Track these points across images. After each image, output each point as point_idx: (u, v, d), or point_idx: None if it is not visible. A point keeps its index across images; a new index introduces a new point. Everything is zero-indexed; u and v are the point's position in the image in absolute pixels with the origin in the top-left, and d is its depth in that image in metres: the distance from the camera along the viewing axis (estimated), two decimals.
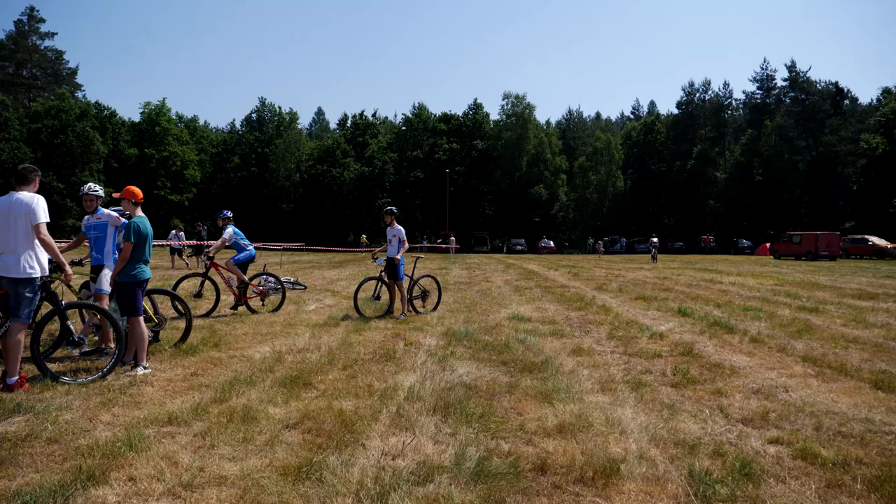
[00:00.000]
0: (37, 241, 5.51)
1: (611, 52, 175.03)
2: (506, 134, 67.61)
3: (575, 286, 16.90)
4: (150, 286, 7.12)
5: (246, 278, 10.74)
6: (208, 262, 10.65)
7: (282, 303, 11.21)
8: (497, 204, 67.84)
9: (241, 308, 10.86)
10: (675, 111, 72.50)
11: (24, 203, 5.46)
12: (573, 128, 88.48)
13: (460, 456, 3.91)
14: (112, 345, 7.00)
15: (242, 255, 10.87)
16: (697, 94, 70.37)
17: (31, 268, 5.48)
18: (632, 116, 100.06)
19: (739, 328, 9.12)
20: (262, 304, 11.21)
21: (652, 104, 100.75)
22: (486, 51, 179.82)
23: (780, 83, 66.93)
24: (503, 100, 70.46)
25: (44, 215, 5.54)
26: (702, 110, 69.72)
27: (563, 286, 16.91)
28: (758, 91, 68.65)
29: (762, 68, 68.24)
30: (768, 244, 48.98)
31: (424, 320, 10.04)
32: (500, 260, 37.06)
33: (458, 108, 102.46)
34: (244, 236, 11.10)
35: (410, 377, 6.02)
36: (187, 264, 23.59)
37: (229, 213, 10.98)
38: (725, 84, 71.23)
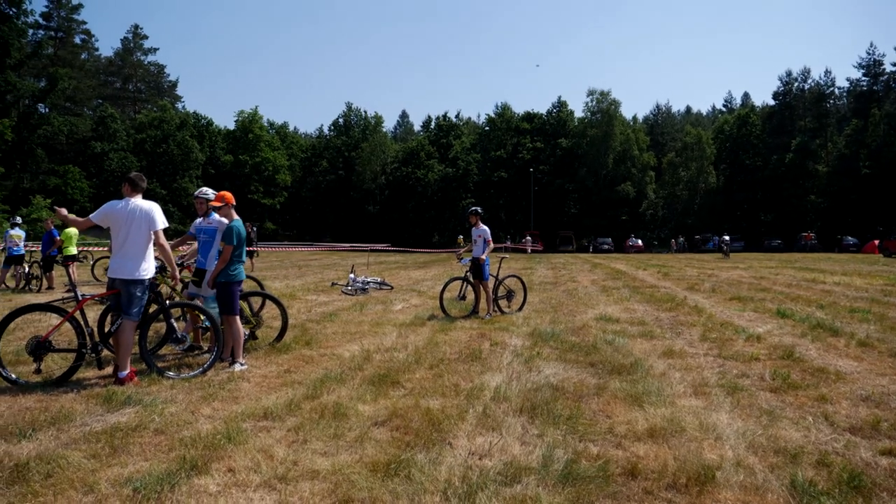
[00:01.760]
0: (148, 249, 5.90)
1: (700, 44, 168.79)
2: (591, 131, 66.36)
3: (665, 286, 16.40)
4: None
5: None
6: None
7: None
8: (582, 202, 66.71)
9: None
10: (772, 102, 68.97)
11: (144, 210, 5.90)
12: (661, 123, 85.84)
13: (548, 458, 3.87)
14: (205, 344, 7.41)
15: None
16: (796, 84, 66.58)
17: (145, 270, 5.88)
18: (724, 109, 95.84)
19: (846, 331, 8.57)
20: None
21: (746, 96, 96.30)
22: (569, 48, 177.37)
23: (889, 68, 62.56)
24: (587, 96, 69.22)
25: (163, 222, 5.99)
26: (801, 100, 65.87)
27: (653, 286, 16.44)
28: (864, 78, 64.48)
29: (868, 53, 64.07)
30: (877, 241, 45.75)
31: (510, 320, 10.01)
32: (587, 259, 36.45)
33: (542, 107, 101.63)
34: None
35: (496, 377, 6.02)
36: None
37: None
38: (827, 72, 67.31)
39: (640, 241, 56.88)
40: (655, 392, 5.40)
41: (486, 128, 75.05)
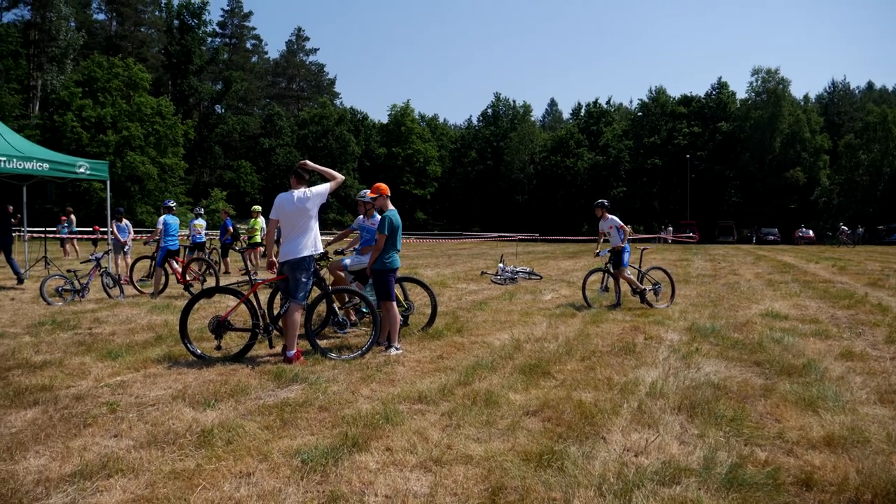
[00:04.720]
0: (312, 233, 6.37)
1: (885, 9, 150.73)
2: (755, 113, 61.75)
3: (841, 281, 14.93)
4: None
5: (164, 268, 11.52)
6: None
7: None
8: (744, 190, 62.34)
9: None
10: None
11: (306, 196, 6.37)
12: (837, 102, 77.87)
13: (710, 460, 3.66)
14: (365, 328, 7.82)
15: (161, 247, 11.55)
16: None
17: (309, 249, 6.34)
18: None
19: None
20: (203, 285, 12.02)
21: None
22: (730, 24, 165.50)
23: None
24: (752, 76, 64.49)
25: (325, 187, 6.50)
26: None
27: (827, 281, 15.04)
28: None
29: None
30: None
31: (665, 314, 9.59)
32: (749, 251, 34.10)
33: (700, 89, 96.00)
34: (173, 228, 11.60)
35: (652, 372, 5.80)
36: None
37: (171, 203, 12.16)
38: None
39: (811, 232, 52.23)
40: (832, 397, 4.93)
41: (639, 113, 72.21)
